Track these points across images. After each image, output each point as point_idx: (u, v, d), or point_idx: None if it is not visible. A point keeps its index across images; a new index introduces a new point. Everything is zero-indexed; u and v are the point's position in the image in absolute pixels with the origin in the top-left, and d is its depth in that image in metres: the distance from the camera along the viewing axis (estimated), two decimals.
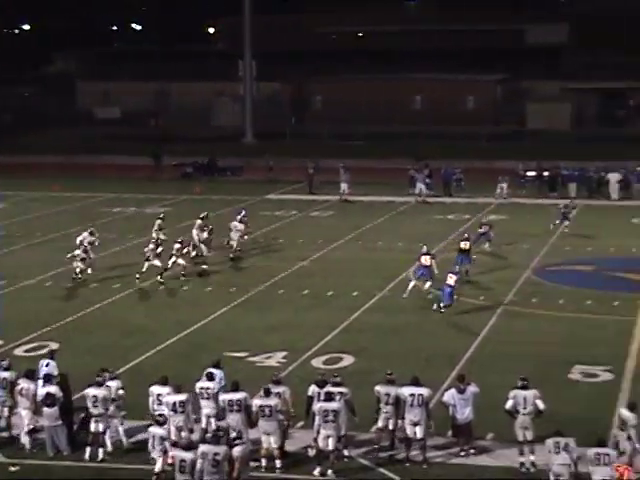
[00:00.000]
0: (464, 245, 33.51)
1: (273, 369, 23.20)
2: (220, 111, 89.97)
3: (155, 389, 20.03)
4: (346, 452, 19.52)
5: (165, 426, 18.60)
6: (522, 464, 18.93)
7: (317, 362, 25.12)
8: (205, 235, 36.18)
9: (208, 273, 34.40)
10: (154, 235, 35.96)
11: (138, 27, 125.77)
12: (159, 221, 37.38)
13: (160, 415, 18.90)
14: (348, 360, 25.29)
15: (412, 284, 31.16)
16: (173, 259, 33.34)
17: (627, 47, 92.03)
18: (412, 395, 19.24)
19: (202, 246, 35.79)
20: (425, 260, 31.05)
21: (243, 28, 78.72)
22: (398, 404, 19.39)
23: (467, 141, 72.05)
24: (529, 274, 34.37)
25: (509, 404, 19.18)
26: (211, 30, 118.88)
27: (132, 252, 37.26)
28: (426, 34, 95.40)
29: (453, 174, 53.06)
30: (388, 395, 19.44)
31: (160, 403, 19.66)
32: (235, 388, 19.49)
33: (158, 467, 18.09)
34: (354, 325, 28.71)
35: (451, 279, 29.39)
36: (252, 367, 24.49)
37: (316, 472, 18.71)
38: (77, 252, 33.56)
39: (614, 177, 50.85)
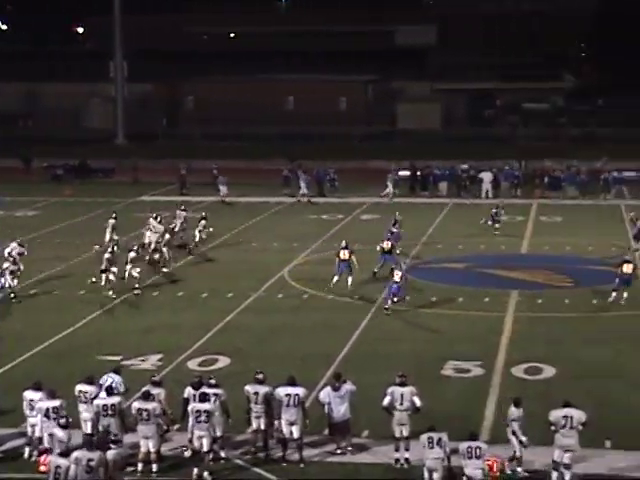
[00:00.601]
0: (387, 245, 34.03)
1: (148, 372, 22.98)
2: (91, 112, 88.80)
3: (28, 394, 19.64)
4: (223, 453, 19.48)
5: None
6: (397, 460, 19.17)
7: (193, 364, 24.99)
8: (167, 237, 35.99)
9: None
10: (108, 238, 35.31)
11: (4, 27, 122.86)
12: (112, 221, 36.90)
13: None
14: (224, 361, 25.23)
15: (335, 279, 31.77)
16: (128, 268, 32.17)
17: (494, 48, 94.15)
18: (288, 395, 19.29)
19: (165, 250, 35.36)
20: (344, 255, 31.74)
21: (113, 28, 77.82)
22: (269, 404, 19.44)
23: (340, 141, 72.65)
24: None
25: (386, 401, 19.40)
26: (80, 30, 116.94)
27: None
28: (298, 35, 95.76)
29: (326, 174, 53.42)
30: (257, 394, 19.46)
31: (32, 408, 19.29)
32: (109, 392, 19.26)
33: None
34: (229, 326, 28.65)
35: (397, 275, 29.92)
36: (126, 371, 24.18)
37: (194, 474, 18.61)
38: (5, 265, 31.60)
39: (487, 176, 51.92)
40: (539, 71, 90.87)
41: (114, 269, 31.64)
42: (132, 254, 32.13)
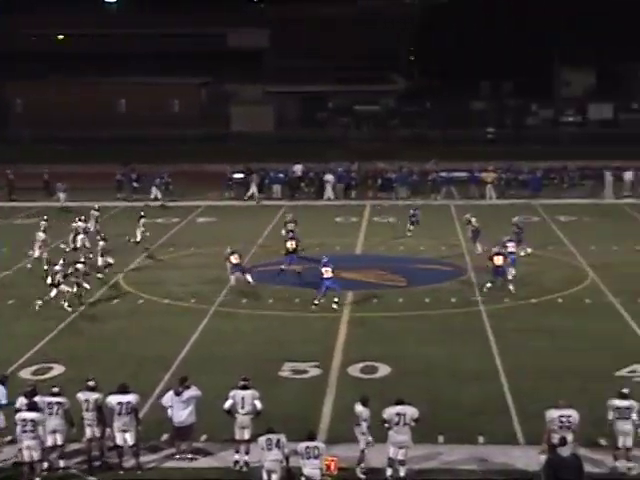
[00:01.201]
0: (291, 245, 34.63)
1: None
2: None
3: None
4: (62, 463, 19.14)
5: None
6: (236, 462, 19.22)
7: (26, 373, 24.44)
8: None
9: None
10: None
11: None
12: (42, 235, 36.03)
13: None
14: (58, 369, 24.76)
15: (233, 280, 32.43)
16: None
17: (326, 51, 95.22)
18: (120, 403, 19.09)
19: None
20: (235, 258, 32.58)
21: None
22: (101, 411, 19.21)
23: (174, 144, 72.20)
24: (238, 275, 34.84)
25: (228, 404, 19.42)
26: None
27: None
28: (130, 37, 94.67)
29: (161, 177, 52.96)
30: (88, 402, 19.24)
31: None
32: None
33: None
34: (63, 334, 28.12)
35: (327, 272, 30.37)
36: None
37: None
38: None
39: (330, 178, 52.47)
40: (370, 74, 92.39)
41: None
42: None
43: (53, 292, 30.40)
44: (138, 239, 38.43)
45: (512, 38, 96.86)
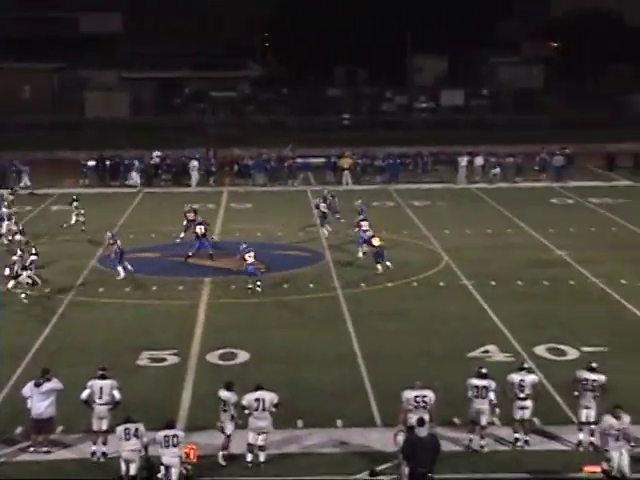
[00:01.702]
0: (200, 230, 34.79)
1: None
2: None
3: None
4: None
5: None
6: (93, 453, 18.97)
7: None
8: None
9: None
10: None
11: None
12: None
13: None
14: None
15: (120, 270, 32.03)
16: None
17: (181, 37, 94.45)
18: None
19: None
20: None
21: None
22: None
23: (26, 131, 70.53)
24: (94, 263, 34.38)
25: (85, 394, 19.14)
26: None
27: None
28: None
29: (12, 166, 51.68)
30: None
31: None
32: None
33: None
34: None
35: (250, 258, 30.44)
36: None
37: None
38: None
39: (196, 164, 52.04)
40: (226, 60, 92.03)
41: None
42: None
43: (11, 283, 29.91)
44: (73, 222, 38.64)
45: (366, 25, 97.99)
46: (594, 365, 19.69)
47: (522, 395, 19.39)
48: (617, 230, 40.00)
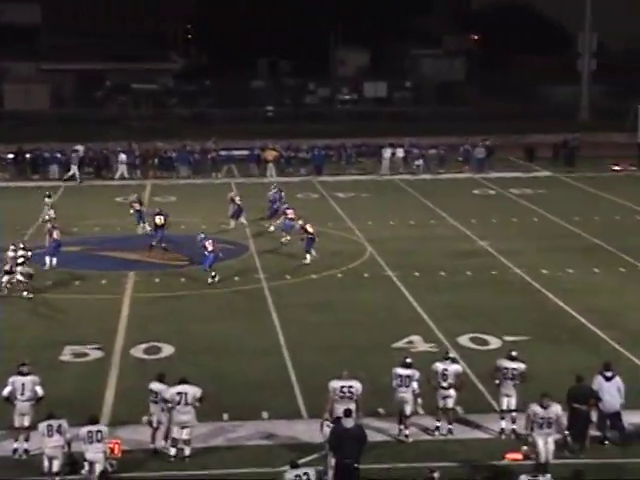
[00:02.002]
0: (159, 220, 34.85)
1: None
2: None
3: None
4: None
5: None
6: (15, 450, 18.73)
7: None
8: None
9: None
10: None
11: None
12: None
13: None
14: None
15: (47, 260, 31.83)
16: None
17: (102, 29, 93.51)
18: None
19: None
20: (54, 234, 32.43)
21: None
22: None
23: None
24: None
25: (6, 391, 18.89)
26: None
27: None
28: None
29: None
30: None
31: None
32: None
33: None
34: None
35: (209, 245, 30.74)
36: None
37: None
38: None
39: (124, 157, 51.53)
40: (147, 52, 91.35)
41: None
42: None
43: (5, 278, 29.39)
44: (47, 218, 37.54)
45: (289, 18, 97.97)
46: (514, 354, 19.94)
47: (445, 384, 19.57)
48: (538, 220, 40.55)
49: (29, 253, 30.10)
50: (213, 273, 30.70)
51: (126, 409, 20.45)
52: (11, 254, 29.60)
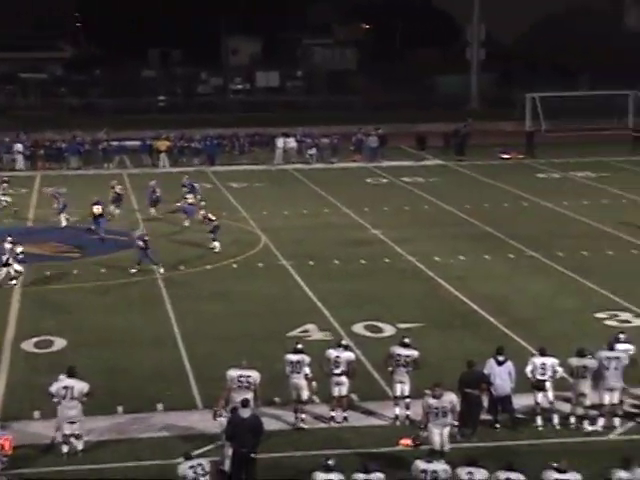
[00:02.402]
0: (97, 209, 34.90)
1: None
2: None
3: None
4: None
5: None
6: None
7: None
8: None
9: None
10: None
11: None
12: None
13: None
14: None
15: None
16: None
17: None
18: None
19: None
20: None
21: None
22: None
23: None
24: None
25: None
26: None
27: None
28: None
29: None
30: None
31: None
32: None
33: None
34: None
35: (140, 241, 30.35)
36: None
37: None
38: None
39: (20, 147, 50.55)
40: (35, 41, 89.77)
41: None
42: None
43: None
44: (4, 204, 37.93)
45: (180, 7, 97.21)
46: (407, 341, 20.15)
47: (337, 371, 19.69)
48: (429, 208, 41.06)
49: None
50: (138, 267, 30.45)
51: (17, 404, 20.12)
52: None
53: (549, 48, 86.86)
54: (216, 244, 33.24)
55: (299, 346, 19.93)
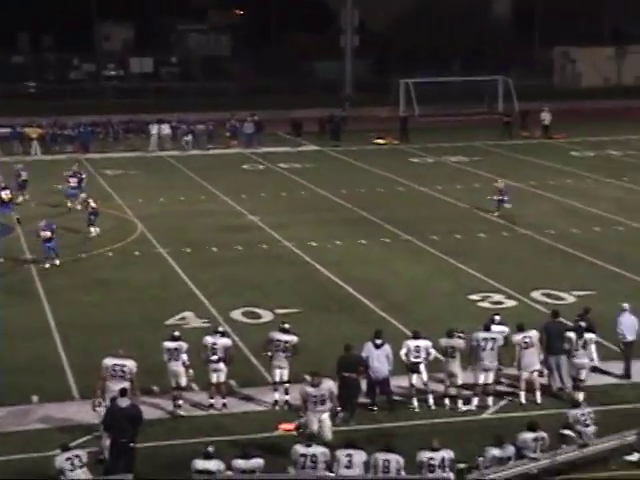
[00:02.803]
0: (5, 195, 35.04)
1: None
2: None
3: None
4: None
5: None
6: None
7: None
8: None
9: None
10: None
11: None
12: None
13: None
14: None
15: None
16: None
17: None
18: None
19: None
20: None
21: None
22: None
23: None
24: None
25: None
26: None
27: None
28: None
29: None
30: None
31: None
32: None
33: None
34: None
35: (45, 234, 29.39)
36: None
37: None
38: None
39: None
40: None
41: None
42: None
43: None
44: None
45: None
46: (286, 326, 20.26)
47: (214, 358, 19.67)
48: (306, 194, 41.25)
49: None
50: (47, 265, 29.85)
51: None
52: None
53: (421, 35, 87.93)
54: (93, 229, 32.93)
55: (176, 333, 19.90)
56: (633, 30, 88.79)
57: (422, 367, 19.83)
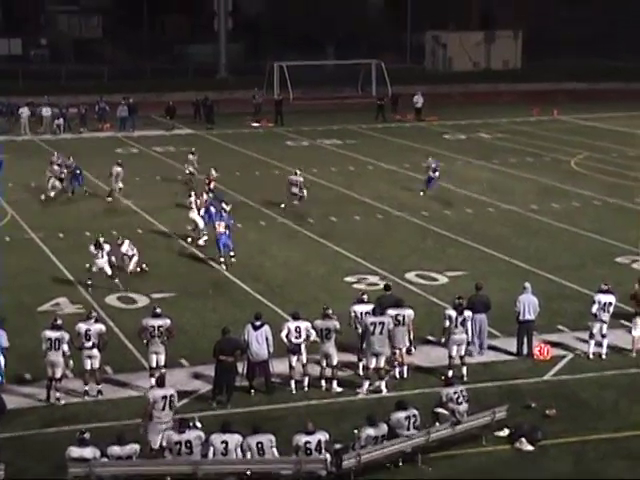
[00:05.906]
0: None
1: None
2: None
3: None
4: None
5: None
6: None
7: None
8: None
9: None
10: None
11: None
12: None
13: None
14: None
15: None
16: None
17: None
18: None
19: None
20: None
21: None
22: None
23: None
24: None
25: None
26: None
27: None
28: None
29: None
30: None
31: None
32: None
33: None
34: None
35: (220, 226, 28.67)
36: None
37: None
38: None
39: None
40: None
41: None
42: None
43: None
44: None
45: None
46: (158, 311, 20.11)
47: (88, 344, 19.41)
48: (182, 178, 40.91)
49: None
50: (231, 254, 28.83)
51: None
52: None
53: (295, 19, 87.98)
54: None
55: (58, 322, 19.51)
56: (501, 15, 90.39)
57: (302, 348, 19.93)
